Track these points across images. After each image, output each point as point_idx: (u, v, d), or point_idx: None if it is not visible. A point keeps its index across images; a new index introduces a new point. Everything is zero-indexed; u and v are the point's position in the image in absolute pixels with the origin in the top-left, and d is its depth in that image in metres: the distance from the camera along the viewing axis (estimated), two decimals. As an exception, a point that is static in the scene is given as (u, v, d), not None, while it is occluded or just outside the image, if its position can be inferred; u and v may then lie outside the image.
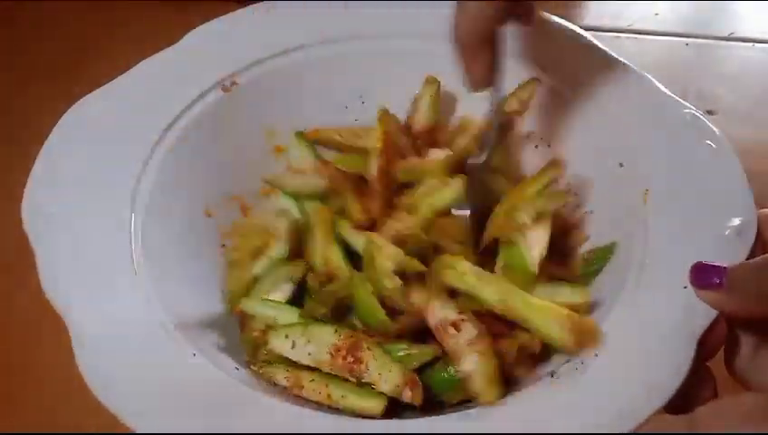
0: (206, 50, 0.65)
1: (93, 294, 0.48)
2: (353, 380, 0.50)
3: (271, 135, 0.67)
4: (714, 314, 0.46)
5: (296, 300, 0.58)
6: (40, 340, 0.60)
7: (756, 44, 0.91)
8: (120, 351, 0.46)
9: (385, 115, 0.64)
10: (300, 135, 0.66)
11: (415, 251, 0.55)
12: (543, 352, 0.52)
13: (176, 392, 0.45)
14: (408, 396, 0.49)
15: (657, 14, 0.96)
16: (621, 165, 0.59)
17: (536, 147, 0.67)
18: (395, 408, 0.50)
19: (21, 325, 0.62)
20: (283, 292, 0.58)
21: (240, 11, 0.68)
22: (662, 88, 0.61)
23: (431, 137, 0.67)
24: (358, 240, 0.58)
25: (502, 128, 0.64)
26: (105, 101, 0.59)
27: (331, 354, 0.51)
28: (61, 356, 0.45)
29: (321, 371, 0.51)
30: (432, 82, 0.67)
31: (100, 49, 0.87)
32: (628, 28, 0.94)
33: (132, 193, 0.56)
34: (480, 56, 0.54)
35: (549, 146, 0.65)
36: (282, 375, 0.51)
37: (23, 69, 0.85)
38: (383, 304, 0.53)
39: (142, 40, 0.69)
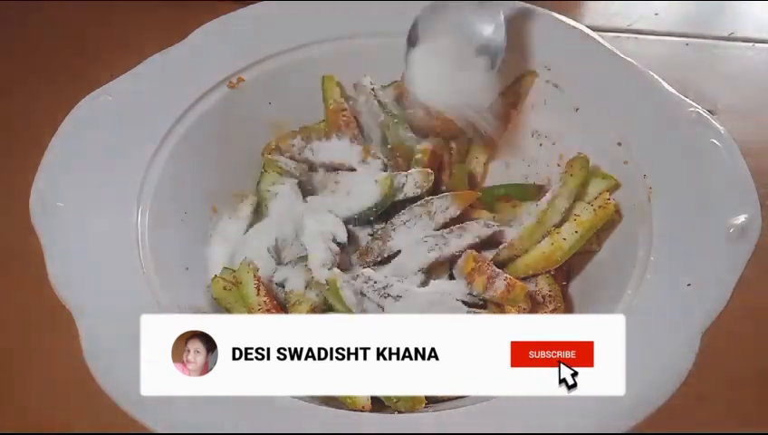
0: (212, 47, 0.65)
1: (100, 290, 0.49)
2: None
3: (278, 130, 0.68)
4: (718, 310, 0.46)
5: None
6: (46, 334, 0.60)
7: (756, 44, 0.92)
8: (126, 346, 0.46)
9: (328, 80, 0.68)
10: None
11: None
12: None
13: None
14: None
15: (657, 14, 0.96)
16: (626, 163, 0.59)
17: (540, 145, 0.67)
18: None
19: (27, 320, 0.62)
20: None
21: (244, 9, 0.69)
22: (666, 86, 0.61)
23: None
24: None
25: None
26: (112, 98, 0.59)
27: None
28: (67, 351, 0.45)
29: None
30: None
31: (100, 49, 0.87)
32: (628, 28, 0.94)
33: (139, 188, 0.56)
34: None
35: (554, 144, 0.65)
36: None
37: (23, 69, 0.85)
38: None
39: (142, 40, 0.69)
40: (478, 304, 0.56)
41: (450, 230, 0.59)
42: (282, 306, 0.56)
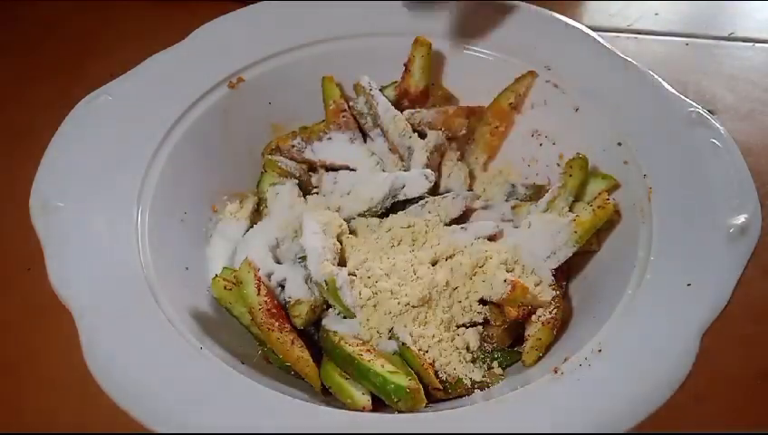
0: (212, 47, 0.66)
1: (100, 290, 0.49)
2: None
3: (278, 130, 0.68)
4: (718, 310, 0.46)
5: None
6: (46, 334, 0.60)
7: (756, 44, 0.91)
8: (127, 346, 0.46)
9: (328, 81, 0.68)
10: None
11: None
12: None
13: (185, 388, 0.45)
14: None
15: (657, 14, 0.96)
16: (626, 163, 0.59)
17: (540, 145, 0.67)
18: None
19: (27, 320, 0.62)
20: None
21: (244, 9, 0.69)
22: (667, 86, 0.61)
23: (425, 97, 0.68)
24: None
25: None
26: (112, 98, 0.60)
27: None
28: (67, 351, 0.45)
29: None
30: (422, 43, 0.67)
31: (100, 49, 0.87)
32: (628, 28, 0.94)
33: (139, 188, 0.56)
34: None
35: (554, 144, 0.65)
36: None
37: (23, 69, 0.85)
38: None
39: (142, 40, 0.69)
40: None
41: (451, 230, 0.59)
42: (282, 306, 0.56)
